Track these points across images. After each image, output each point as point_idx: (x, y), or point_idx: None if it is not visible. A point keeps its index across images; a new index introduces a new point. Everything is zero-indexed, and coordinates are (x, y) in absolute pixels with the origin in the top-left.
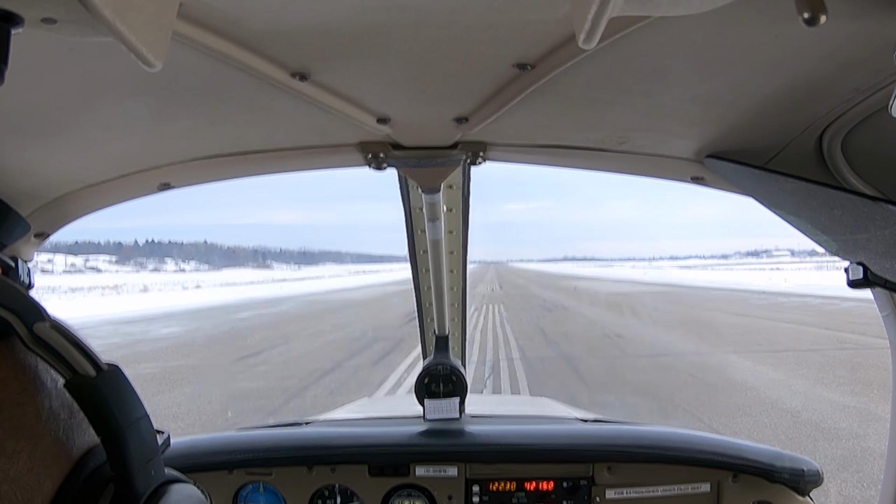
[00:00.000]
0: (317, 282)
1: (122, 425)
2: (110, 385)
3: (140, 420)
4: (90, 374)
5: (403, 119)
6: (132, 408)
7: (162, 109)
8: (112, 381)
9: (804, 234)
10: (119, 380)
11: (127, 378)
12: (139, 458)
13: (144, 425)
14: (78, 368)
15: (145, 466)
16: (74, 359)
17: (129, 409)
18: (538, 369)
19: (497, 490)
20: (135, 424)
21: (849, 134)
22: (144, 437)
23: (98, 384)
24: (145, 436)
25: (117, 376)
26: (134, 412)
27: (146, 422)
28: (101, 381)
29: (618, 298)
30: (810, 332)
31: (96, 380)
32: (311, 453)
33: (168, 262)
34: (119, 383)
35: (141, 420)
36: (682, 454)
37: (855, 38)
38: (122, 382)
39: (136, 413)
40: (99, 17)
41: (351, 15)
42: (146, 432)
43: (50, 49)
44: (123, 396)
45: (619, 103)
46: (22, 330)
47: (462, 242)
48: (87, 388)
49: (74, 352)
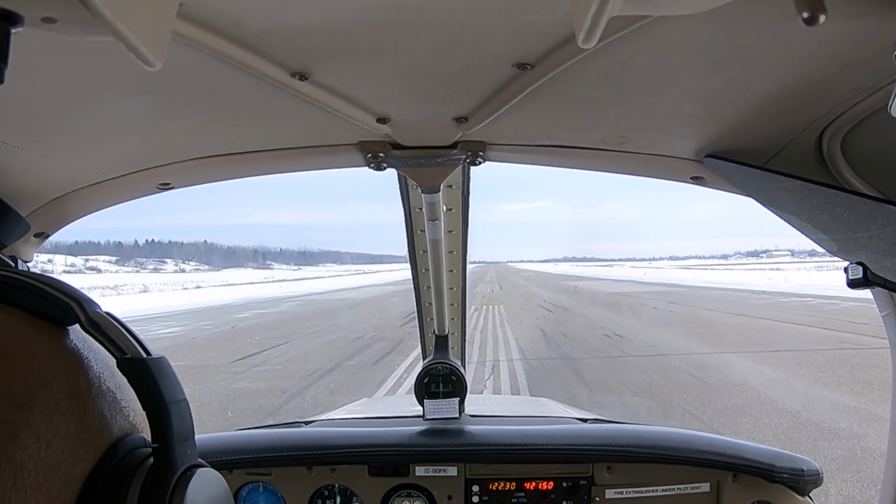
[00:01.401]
0: (317, 282)
1: (168, 401)
2: (158, 367)
3: (182, 402)
4: (140, 355)
5: (403, 119)
6: (175, 390)
7: (162, 109)
8: (160, 364)
9: (804, 234)
10: (165, 364)
11: (172, 367)
12: (179, 435)
13: (185, 407)
14: (129, 350)
15: (183, 444)
16: (127, 343)
17: (174, 389)
18: (538, 369)
19: (497, 490)
20: (177, 404)
21: (848, 134)
22: (184, 418)
23: (148, 363)
24: (185, 417)
25: (164, 362)
26: (177, 393)
27: (186, 405)
28: (151, 361)
29: (618, 298)
30: (810, 332)
31: (147, 360)
32: (310, 453)
33: (168, 262)
34: (165, 367)
35: (182, 402)
36: (682, 454)
37: (854, 37)
38: (169, 368)
39: (179, 395)
40: (99, 16)
41: (351, 15)
42: (186, 414)
43: (50, 49)
44: (169, 378)
45: (618, 103)
46: (82, 315)
47: (462, 242)
48: (139, 365)
49: (127, 337)
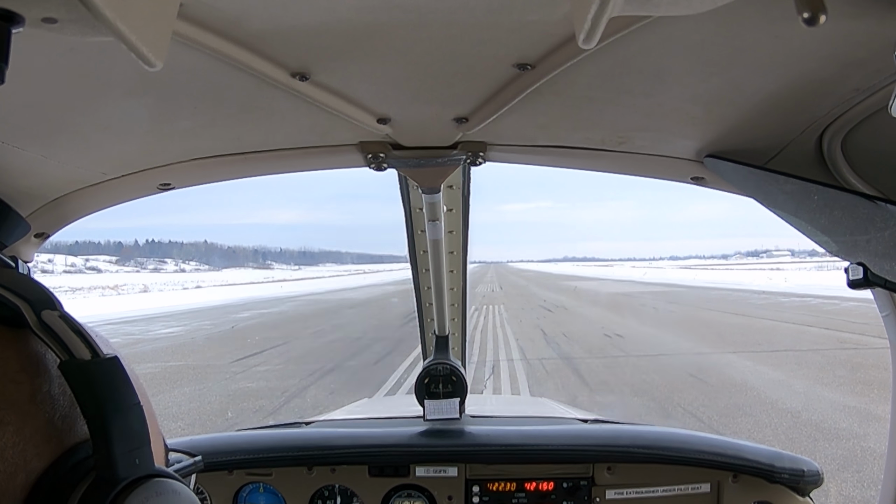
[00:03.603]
0: (317, 282)
1: (109, 410)
2: (103, 370)
3: (131, 408)
4: (84, 358)
5: (403, 119)
6: (124, 395)
7: (162, 109)
8: (106, 367)
9: (804, 235)
10: (114, 367)
11: (124, 368)
12: (123, 445)
13: (135, 414)
14: (75, 353)
15: (129, 454)
16: (73, 344)
17: (120, 396)
18: (538, 369)
19: (497, 490)
20: (123, 411)
21: (849, 134)
22: (132, 426)
23: (89, 367)
24: (133, 424)
25: (113, 364)
26: (125, 399)
27: (138, 411)
28: (94, 364)
29: (618, 298)
30: (811, 332)
31: (88, 363)
32: (311, 454)
33: (168, 262)
34: (113, 371)
35: (132, 408)
36: (683, 454)
37: (855, 38)
38: (117, 371)
39: (128, 401)
40: (99, 16)
41: (351, 15)
42: (135, 421)
43: (50, 49)
44: (115, 383)
45: (618, 103)
46: (31, 316)
47: (462, 242)
48: (78, 369)
49: (75, 338)
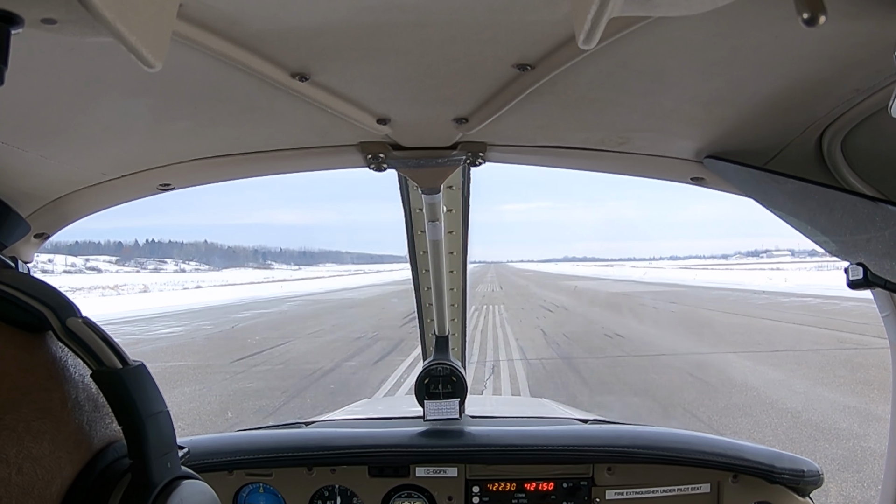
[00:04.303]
0: (317, 282)
1: (143, 416)
2: (134, 378)
3: (160, 414)
4: (116, 366)
5: (403, 119)
6: (153, 401)
7: (162, 110)
8: (136, 374)
9: (804, 235)
10: (143, 374)
11: (151, 375)
12: (157, 450)
13: (164, 420)
14: (105, 361)
15: (162, 458)
16: (103, 352)
17: (151, 402)
18: (538, 369)
19: (497, 491)
20: (155, 417)
21: (849, 134)
22: (163, 431)
23: (123, 375)
24: (164, 430)
25: (142, 371)
26: (155, 406)
27: (166, 417)
28: (126, 373)
29: (618, 298)
30: (811, 332)
31: (121, 371)
32: (311, 454)
33: (168, 262)
34: (143, 377)
35: (161, 414)
36: (682, 455)
37: (855, 38)
38: (146, 377)
39: (157, 407)
40: (99, 17)
41: (351, 15)
42: (165, 426)
43: (50, 49)
44: (146, 390)
45: (618, 104)
46: (55, 323)
47: (462, 243)
48: (113, 378)
49: (103, 346)
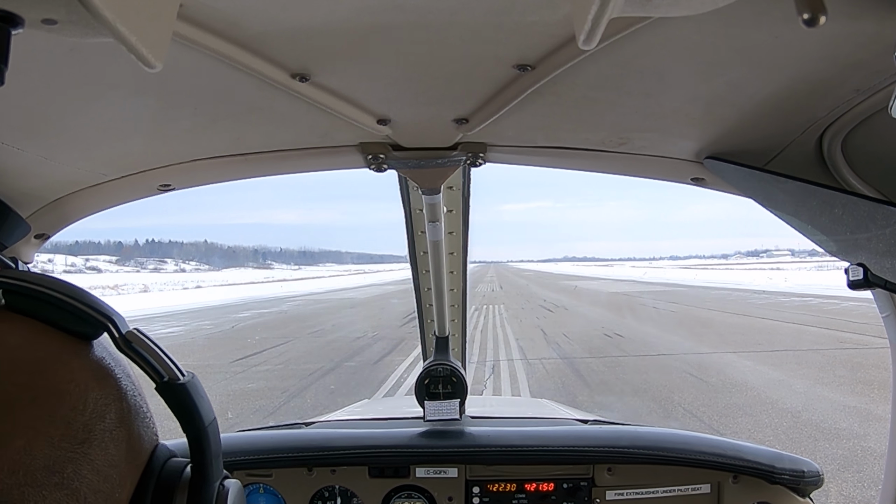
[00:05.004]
0: (317, 282)
1: (206, 423)
2: (195, 389)
3: (214, 420)
4: (178, 378)
5: (403, 120)
6: (209, 409)
7: (162, 110)
8: (195, 386)
9: (804, 236)
10: (199, 386)
11: (201, 383)
12: (214, 453)
13: (216, 426)
14: (165, 373)
15: (216, 461)
16: (163, 363)
17: (208, 410)
18: (539, 369)
19: (497, 491)
20: (212, 424)
21: (849, 135)
22: (217, 437)
23: (185, 388)
24: (217, 435)
25: (197, 382)
26: (211, 413)
27: (216, 424)
28: (190, 385)
29: (618, 298)
30: (811, 332)
31: (187, 384)
32: (311, 455)
33: (168, 261)
34: (199, 388)
35: (215, 420)
36: (683, 455)
37: (855, 38)
38: (200, 387)
39: (212, 414)
40: (99, 17)
41: (351, 16)
42: (217, 432)
43: (50, 50)
44: (203, 399)
45: (619, 104)
46: (116, 333)
47: (462, 243)
48: (180, 389)
49: (163, 357)
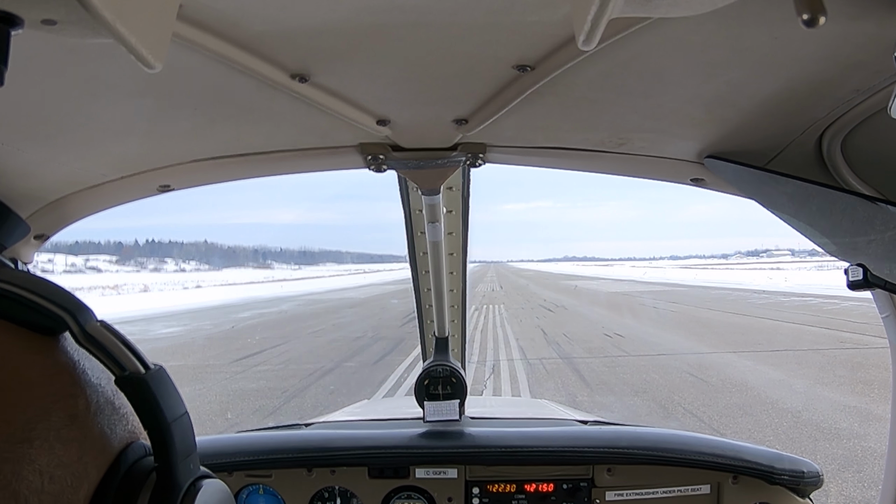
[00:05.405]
0: (317, 281)
1: (169, 420)
2: (158, 382)
3: (183, 416)
4: (140, 372)
5: (403, 121)
6: (176, 404)
7: (162, 111)
8: (159, 378)
9: (804, 236)
10: (165, 378)
11: (171, 377)
12: (182, 452)
13: (186, 422)
14: (127, 366)
15: (186, 460)
16: (124, 356)
17: (174, 405)
18: (539, 369)
19: (497, 492)
20: (178, 420)
21: (849, 135)
22: (186, 433)
23: (148, 380)
24: (187, 432)
25: (163, 375)
26: (178, 409)
27: (187, 419)
28: (150, 377)
29: (618, 298)
30: (811, 332)
31: (146, 376)
32: (310, 455)
33: (168, 261)
34: (165, 381)
35: (183, 416)
36: (682, 456)
37: (854, 39)
38: (167, 381)
39: (180, 410)
40: (99, 18)
41: (351, 16)
42: (187, 428)
43: (50, 50)
44: (169, 393)
45: (618, 105)
46: (75, 327)
47: (462, 244)
48: (139, 383)
49: (124, 350)
